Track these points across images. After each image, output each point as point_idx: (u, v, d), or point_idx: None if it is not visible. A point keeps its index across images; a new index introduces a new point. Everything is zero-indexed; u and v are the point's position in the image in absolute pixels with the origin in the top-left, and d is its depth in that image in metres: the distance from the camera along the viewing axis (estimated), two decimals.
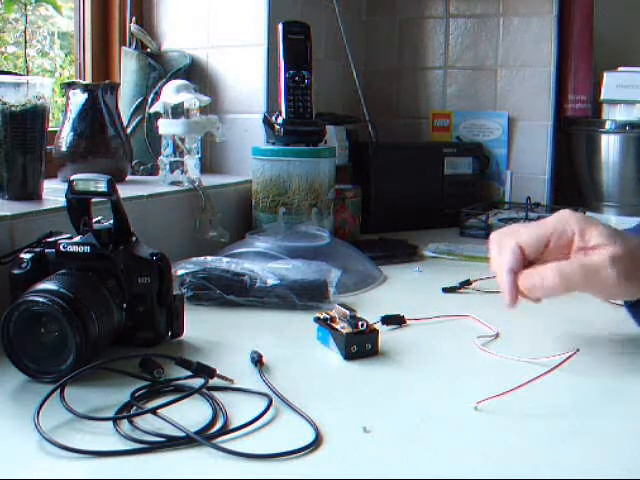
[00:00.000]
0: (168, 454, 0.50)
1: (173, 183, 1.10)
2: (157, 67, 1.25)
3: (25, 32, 1.17)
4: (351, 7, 1.56)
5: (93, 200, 0.70)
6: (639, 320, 0.72)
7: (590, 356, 0.70)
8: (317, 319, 0.73)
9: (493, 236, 0.72)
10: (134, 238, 0.71)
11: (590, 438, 0.53)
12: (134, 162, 1.20)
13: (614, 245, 0.65)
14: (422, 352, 0.72)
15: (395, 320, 0.79)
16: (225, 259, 0.88)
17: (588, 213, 1.39)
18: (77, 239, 0.68)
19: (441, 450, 0.51)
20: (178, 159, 1.10)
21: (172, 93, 1.10)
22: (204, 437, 0.51)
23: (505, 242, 0.69)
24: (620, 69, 1.39)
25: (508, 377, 0.62)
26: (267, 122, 1.14)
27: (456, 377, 0.65)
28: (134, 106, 1.24)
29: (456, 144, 1.54)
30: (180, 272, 0.85)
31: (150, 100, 1.21)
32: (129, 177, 1.16)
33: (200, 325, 0.77)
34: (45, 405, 0.54)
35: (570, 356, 0.64)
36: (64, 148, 1.07)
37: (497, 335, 0.76)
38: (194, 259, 0.88)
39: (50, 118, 0.92)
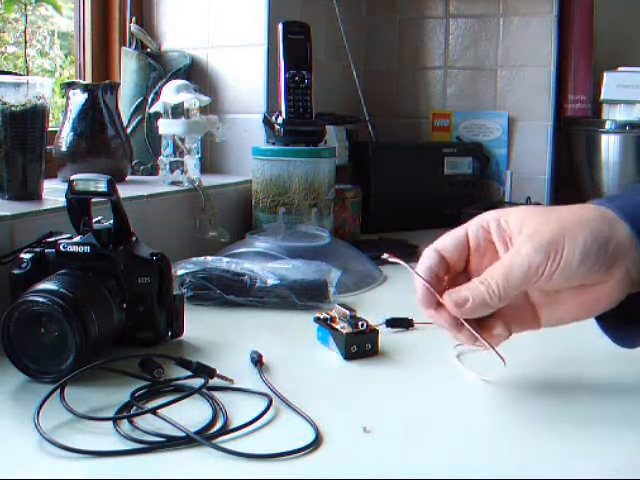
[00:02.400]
0: (168, 454, 0.50)
1: (173, 183, 1.10)
2: (157, 67, 1.25)
3: (25, 32, 1.17)
4: (351, 7, 1.56)
5: (93, 200, 0.70)
6: (612, 336, 0.60)
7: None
8: (317, 319, 0.73)
9: None
10: (134, 238, 0.71)
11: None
12: (134, 162, 1.20)
13: (529, 225, 0.55)
14: (422, 352, 0.72)
15: (402, 323, 0.78)
16: (225, 259, 0.88)
17: None
18: (77, 239, 0.68)
19: (441, 450, 0.51)
20: (178, 159, 1.10)
21: (172, 93, 1.10)
22: (204, 437, 0.51)
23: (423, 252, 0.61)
24: (620, 69, 1.39)
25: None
26: (267, 122, 1.14)
27: (456, 377, 0.65)
28: (134, 106, 1.24)
29: (456, 144, 1.54)
30: (180, 272, 0.85)
31: (150, 100, 1.21)
32: (129, 177, 1.16)
33: (200, 325, 0.77)
34: (45, 405, 0.54)
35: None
36: (64, 148, 1.07)
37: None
38: (194, 259, 0.88)
39: (50, 118, 0.92)
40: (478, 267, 0.59)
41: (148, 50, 1.29)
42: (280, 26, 1.13)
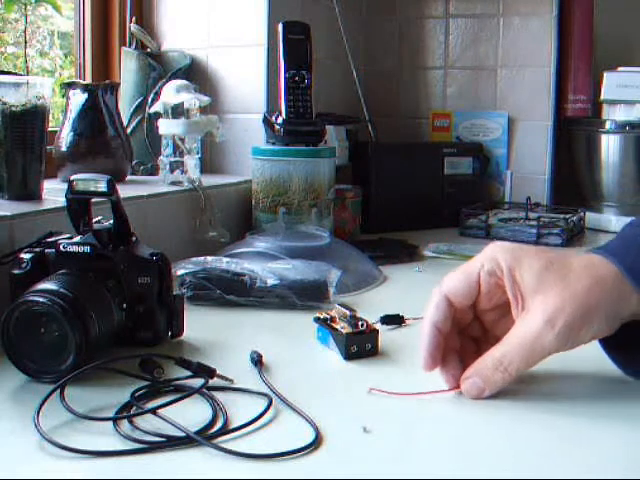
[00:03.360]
0: (168, 454, 0.50)
1: (173, 183, 1.10)
2: (157, 67, 1.25)
3: (25, 32, 1.17)
4: (351, 7, 1.56)
5: (93, 200, 0.70)
6: (618, 362, 0.62)
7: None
8: (317, 319, 0.73)
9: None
10: (134, 238, 0.71)
11: None
12: (134, 162, 1.20)
13: (545, 293, 0.56)
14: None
15: (394, 320, 0.79)
16: (225, 259, 0.88)
17: (588, 213, 1.39)
18: (77, 239, 0.68)
19: (441, 450, 0.51)
20: (178, 159, 1.10)
21: (172, 93, 1.10)
22: (204, 437, 0.51)
23: (433, 291, 0.61)
24: (620, 69, 1.39)
25: None
26: (267, 122, 1.14)
27: None
28: (134, 106, 1.25)
29: (456, 144, 1.54)
30: (180, 272, 0.85)
31: (150, 100, 1.21)
32: (129, 177, 1.16)
33: (200, 325, 0.77)
34: (45, 405, 0.54)
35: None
36: (64, 148, 1.07)
37: None
38: (194, 259, 0.88)
39: (50, 118, 0.92)
40: (484, 305, 0.61)
41: (148, 50, 1.29)
42: (280, 26, 1.13)
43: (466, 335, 0.63)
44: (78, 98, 1.07)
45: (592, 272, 0.57)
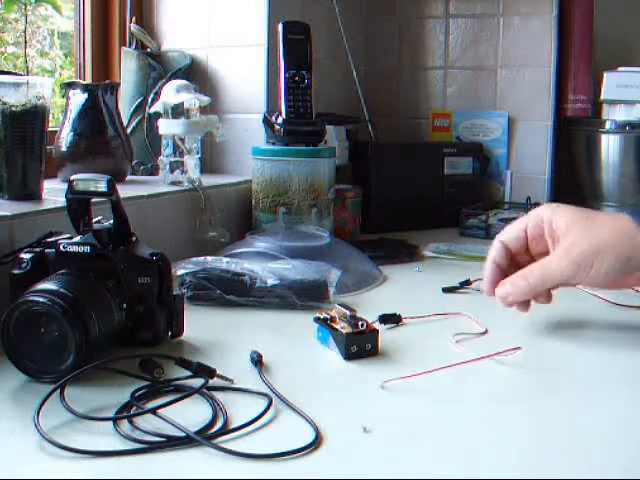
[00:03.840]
0: (168, 454, 0.50)
1: (173, 183, 1.10)
2: (157, 67, 1.25)
3: (25, 32, 1.17)
4: (351, 7, 1.56)
5: (93, 200, 0.70)
6: None
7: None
8: (317, 319, 0.73)
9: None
10: (134, 238, 0.71)
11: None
12: (134, 162, 1.20)
13: (572, 234, 0.71)
14: (422, 353, 0.72)
15: (392, 319, 0.79)
16: (225, 259, 0.88)
17: None
18: (77, 239, 0.68)
19: (441, 450, 0.51)
20: (178, 159, 1.10)
21: (172, 93, 1.10)
22: (204, 437, 0.51)
23: (495, 238, 0.79)
24: (620, 69, 1.39)
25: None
26: (267, 122, 1.14)
27: (455, 377, 0.65)
28: (134, 106, 1.24)
29: (456, 144, 1.54)
30: (180, 272, 0.85)
31: (150, 100, 1.21)
32: (129, 177, 1.16)
33: (200, 325, 0.77)
34: (45, 405, 0.54)
35: (500, 352, 0.68)
36: (64, 148, 1.07)
37: (485, 332, 0.76)
38: (194, 259, 0.88)
39: (50, 118, 0.92)
40: (534, 250, 0.77)
41: (148, 50, 1.29)
42: (280, 26, 1.13)
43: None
44: (78, 98, 1.07)
45: (612, 223, 0.71)
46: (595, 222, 0.72)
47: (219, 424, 0.54)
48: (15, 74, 0.95)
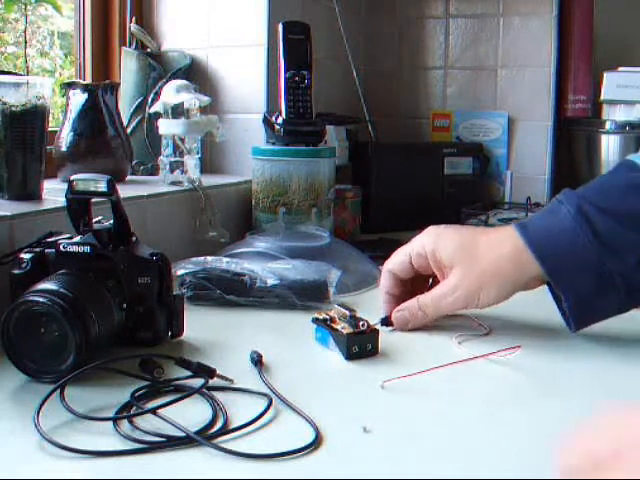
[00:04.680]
0: (168, 454, 0.50)
1: (173, 183, 1.10)
2: (157, 67, 1.25)
3: (25, 32, 1.17)
4: (351, 7, 1.56)
5: (93, 200, 0.70)
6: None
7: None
8: (315, 320, 0.73)
9: None
10: (134, 238, 0.71)
11: None
12: (134, 162, 1.20)
13: (457, 268, 0.73)
14: (422, 353, 0.72)
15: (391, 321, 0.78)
16: (225, 259, 0.88)
17: None
18: (77, 239, 0.68)
19: (441, 450, 0.51)
20: (178, 159, 1.10)
21: (172, 93, 1.10)
22: (204, 437, 0.51)
23: (383, 267, 0.81)
24: (620, 69, 1.39)
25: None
26: (267, 122, 1.14)
27: (455, 377, 0.65)
28: (134, 106, 1.24)
29: (456, 144, 1.54)
30: (180, 272, 0.85)
31: (150, 100, 1.21)
32: (129, 177, 1.16)
33: (200, 325, 0.77)
34: (45, 405, 0.54)
35: (500, 351, 0.68)
36: (64, 148, 1.07)
37: (488, 333, 0.76)
38: (194, 259, 0.88)
39: (50, 118, 0.92)
40: (425, 273, 0.79)
41: (148, 50, 1.29)
42: (280, 26, 1.13)
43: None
44: (78, 98, 1.07)
45: (497, 246, 0.73)
46: (480, 248, 0.73)
47: (219, 424, 0.54)
48: (15, 74, 0.95)
